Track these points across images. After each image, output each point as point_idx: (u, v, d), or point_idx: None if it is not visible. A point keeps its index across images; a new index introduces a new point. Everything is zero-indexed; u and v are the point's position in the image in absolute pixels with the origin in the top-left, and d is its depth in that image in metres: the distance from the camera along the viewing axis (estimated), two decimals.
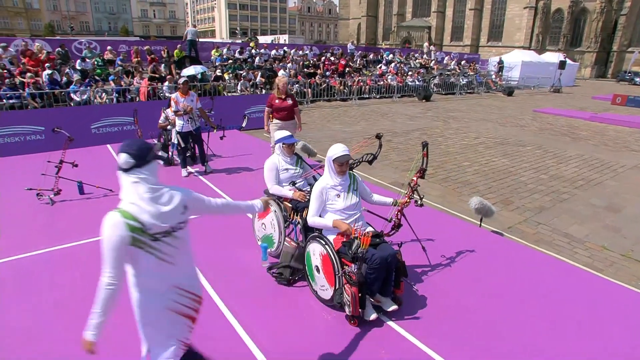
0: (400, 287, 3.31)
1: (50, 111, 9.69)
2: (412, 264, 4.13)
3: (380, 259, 3.06)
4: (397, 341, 3.04)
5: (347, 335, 3.10)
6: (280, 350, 2.95)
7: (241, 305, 3.45)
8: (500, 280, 3.95)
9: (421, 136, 11.50)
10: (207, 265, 4.09)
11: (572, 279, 4.09)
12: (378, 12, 66.15)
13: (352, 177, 3.48)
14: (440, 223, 5.41)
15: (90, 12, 57.56)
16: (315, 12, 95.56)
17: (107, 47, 16.21)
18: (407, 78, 20.50)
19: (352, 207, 3.33)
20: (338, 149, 3.26)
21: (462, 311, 3.41)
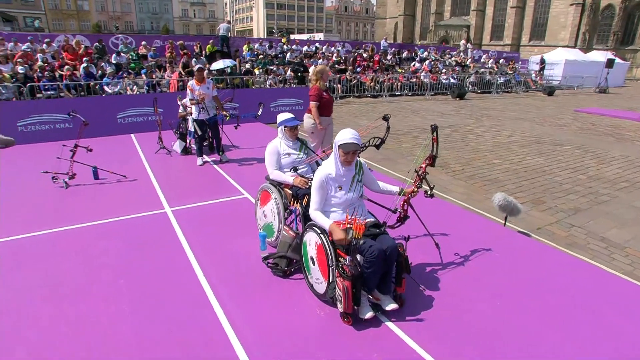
0: (401, 285, 2.96)
1: (78, 100, 9.90)
2: (421, 262, 3.77)
3: (378, 251, 2.73)
4: (393, 344, 2.70)
5: (338, 335, 2.79)
6: (263, 346, 2.69)
7: (230, 296, 3.22)
8: (522, 284, 3.49)
9: (451, 133, 10.95)
10: (204, 252, 3.92)
11: (608, 287, 3.58)
12: (415, 11, 64.72)
13: (358, 166, 3.16)
14: (460, 220, 4.98)
15: (134, 13, 59.72)
16: (352, 11, 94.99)
17: (142, 42, 16.56)
18: (441, 76, 19.77)
19: (356, 199, 3.04)
20: (346, 135, 2.94)
21: (473, 317, 3.01)
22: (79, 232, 4.39)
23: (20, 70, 11.87)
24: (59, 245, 4.08)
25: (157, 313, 3.01)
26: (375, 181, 3.29)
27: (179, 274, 3.54)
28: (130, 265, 3.69)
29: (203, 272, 3.56)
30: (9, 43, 14.35)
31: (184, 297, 3.21)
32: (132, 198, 5.36)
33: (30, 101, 9.79)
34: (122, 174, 6.11)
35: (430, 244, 4.04)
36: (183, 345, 2.67)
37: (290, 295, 3.24)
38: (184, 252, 3.92)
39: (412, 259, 3.77)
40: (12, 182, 6.02)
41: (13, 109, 8.67)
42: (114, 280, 3.44)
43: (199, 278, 3.46)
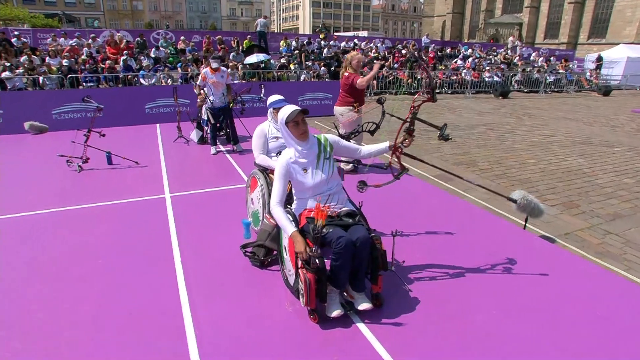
0: (377, 283, 2.65)
1: (110, 91, 10.23)
2: (416, 261, 3.41)
3: (346, 242, 2.44)
4: (359, 348, 2.41)
5: (300, 332, 2.54)
6: (216, 338, 2.49)
7: (200, 284, 3.06)
8: (530, 293, 3.03)
9: (486, 131, 10.29)
10: (189, 239, 3.80)
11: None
12: (465, 9, 62.36)
13: (320, 142, 2.84)
14: (474, 220, 4.54)
15: (185, 12, 61.95)
16: (399, 9, 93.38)
17: (181, 37, 16.99)
18: (484, 73, 18.79)
19: (324, 182, 2.74)
20: (286, 109, 2.69)
21: (460, 327, 2.61)
22: (76, 212, 4.42)
23: (65, 63, 12.49)
24: (52, 224, 4.12)
25: (122, 295, 2.92)
26: (356, 149, 2.97)
27: (156, 257, 3.44)
28: (113, 246, 3.64)
29: (181, 258, 3.43)
30: (60, 39, 15.19)
31: (153, 281, 3.09)
32: (137, 183, 5.37)
33: (65, 90, 10.24)
34: (134, 160, 6.16)
35: (431, 242, 3.68)
36: (135, 329, 2.54)
37: (262, 286, 3.02)
38: (169, 237, 3.82)
39: (406, 257, 3.44)
40: (33, 164, 6.27)
41: (50, 98, 9.08)
42: (93, 260, 3.38)
43: (175, 264, 3.33)
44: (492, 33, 55.09)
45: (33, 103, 8.85)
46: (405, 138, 2.81)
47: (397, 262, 3.35)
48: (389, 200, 5.07)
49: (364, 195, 2.99)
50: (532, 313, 2.78)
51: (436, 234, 4.00)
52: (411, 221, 4.28)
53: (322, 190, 2.73)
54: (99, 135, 5.86)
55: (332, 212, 2.66)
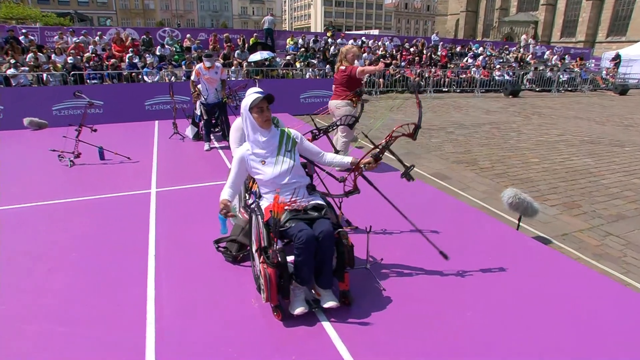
0: (344, 280, 2.57)
1: (111, 87, 10.31)
2: (395, 261, 3.31)
3: (307, 236, 2.35)
4: (320, 348, 2.32)
5: (262, 329, 2.47)
6: (175, 333, 2.43)
7: (169, 278, 3.01)
8: (511, 295, 2.88)
9: (491, 130, 10.10)
10: (166, 234, 3.76)
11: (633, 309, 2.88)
12: (479, 7, 61.63)
13: (283, 134, 2.78)
14: (465, 219, 4.38)
15: (196, 11, 62.51)
16: (412, 8, 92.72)
17: (187, 35, 17.07)
18: (494, 72, 18.50)
19: (284, 173, 2.65)
20: (252, 95, 2.63)
21: (432, 330, 2.48)
22: (59, 206, 4.43)
23: (69, 60, 12.65)
24: (33, 217, 4.12)
25: (88, 287, 2.89)
26: (319, 153, 2.88)
27: (130, 251, 3.41)
28: (89, 239, 3.63)
29: (155, 252, 3.38)
30: (68, 37, 15.39)
31: (123, 274, 3.06)
32: (125, 178, 5.37)
33: (65, 87, 10.35)
34: (126, 155, 6.16)
35: (415, 240, 3.56)
36: (93, 322, 2.50)
37: (232, 281, 2.95)
38: (147, 231, 3.79)
39: (386, 255, 3.34)
40: (26, 159, 6.33)
41: (50, 94, 9.19)
42: (67, 253, 3.37)
43: (148, 258, 3.29)
44: (506, 32, 54.32)
45: (34, 99, 8.95)
46: (370, 163, 2.71)
47: (374, 260, 3.25)
48: (377, 197, 4.97)
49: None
50: (510, 315, 2.66)
51: (414, 231, 3.88)
52: (397, 219, 4.17)
53: (283, 183, 2.65)
54: (90, 130, 5.87)
55: (298, 206, 2.58)
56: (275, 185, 2.64)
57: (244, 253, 3.17)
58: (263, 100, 2.61)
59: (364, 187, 3.23)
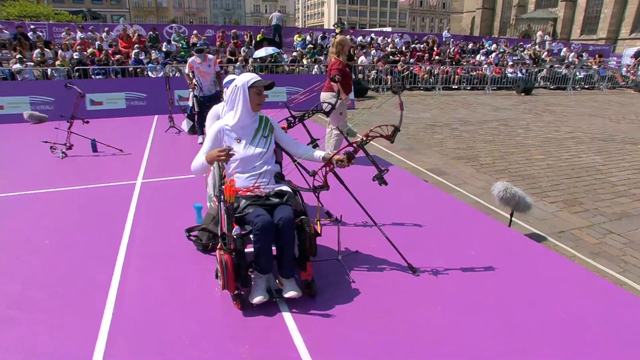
0: (306, 269, 2.49)
1: (112, 81, 10.42)
2: (371, 253, 3.22)
3: (263, 222, 2.29)
4: (276, 339, 2.26)
5: (219, 317, 2.42)
6: (131, 318, 2.40)
7: (138, 267, 2.99)
8: (493, 292, 2.76)
9: (498, 127, 9.89)
10: (143, 223, 3.76)
11: (621, 310, 2.72)
12: (495, 4, 60.71)
13: (262, 120, 2.76)
14: (455, 214, 4.26)
15: (209, 9, 63.03)
16: (427, 6, 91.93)
17: (194, 32, 17.18)
18: (506, 69, 18.16)
19: (256, 157, 2.61)
20: (252, 74, 2.60)
21: (401, 325, 2.39)
22: (43, 195, 4.47)
23: (75, 56, 12.83)
24: (16, 206, 4.15)
25: (57, 273, 2.89)
26: (295, 143, 2.83)
27: (105, 239, 3.41)
28: (66, 227, 3.65)
29: (129, 241, 3.37)
30: (77, 33, 15.62)
31: (93, 260, 3.06)
32: (113, 169, 5.39)
33: (63, 81, 10.48)
34: (119, 147, 6.19)
35: (398, 233, 3.48)
36: (53, 307, 2.50)
37: (199, 270, 2.91)
38: (124, 220, 3.78)
39: (362, 247, 3.26)
40: (19, 151, 6.42)
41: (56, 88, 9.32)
42: (40, 240, 3.37)
43: (120, 245, 3.27)
44: (523, 29, 53.41)
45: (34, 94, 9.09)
46: (343, 160, 2.61)
47: (348, 252, 3.18)
48: (366, 190, 4.88)
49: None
50: (487, 312, 2.55)
51: (404, 225, 3.79)
52: (383, 212, 4.08)
53: (252, 165, 2.60)
54: (82, 122, 5.91)
55: (261, 193, 2.52)
56: (243, 167, 2.60)
57: (215, 242, 3.12)
58: (265, 81, 2.59)
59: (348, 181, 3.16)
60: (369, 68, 16.62)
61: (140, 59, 13.78)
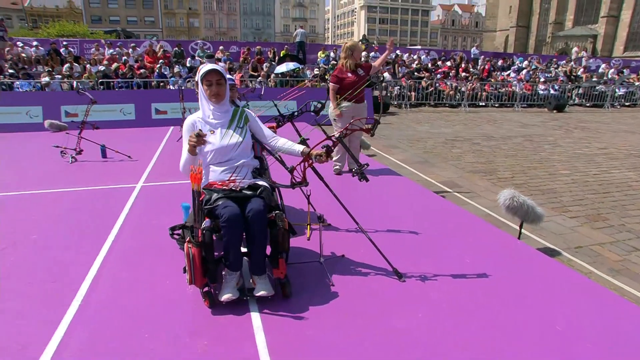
0: (279, 266, 2.42)
1: (132, 92, 10.83)
2: (357, 259, 3.11)
3: (230, 214, 2.25)
4: (237, 338, 2.17)
5: (186, 314, 2.37)
6: (98, 311, 2.38)
7: (116, 263, 3.00)
8: (482, 302, 2.58)
9: (523, 142, 9.59)
10: (133, 222, 3.81)
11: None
12: (530, 22, 59.95)
13: (238, 112, 2.74)
14: (459, 224, 4.07)
15: (239, 28, 65.23)
16: (459, 25, 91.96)
17: (219, 47, 17.75)
18: (537, 85, 17.74)
19: (231, 147, 2.58)
20: (207, 66, 2.59)
21: (375, 332, 2.25)
22: (46, 195, 4.62)
23: (101, 68, 13.47)
24: (18, 203, 4.30)
25: (35, 266, 2.94)
26: (270, 135, 2.78)
27: (91, 235, 3.47)
28: (56, 224, 3.73)
29: (115, 238, 3.41)
30: (105, 49, 16.44)
31: (74, 254, 3.11)
32: (118, 173, 5.52)
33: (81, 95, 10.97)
34: (127, 154, 6.35)
35: (391, 239, 3.36)
36: (29, 295, 2.53)
37: (175, 267, 2.87)
38: (116, 219, 3.84)
39: (348, 251, 3.16)
40: (33, 155, 6.70)
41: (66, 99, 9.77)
42: (28, 234, 3.45)
43: (105, 242, 3.30)
44: (560, 47, 52.32)
45: (53, 103, 9.55)
46: (322, 155, 2.56)
47: (334, 256, 3.09)
48: (368, 197, 4.79)
49: (347, 190, 2.77)
50: (467, 321, 2.38)
51: (400, 232, 3.66)
52: (379, 219, 3.98)
53: (228, 157, 2.58)
54: (92, 127, 6.12)
55: (235, 187, 2.49)
56: (219, 158, 2.58)
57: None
58: (211, 73, 2.58)
59: (348, 185, 3.10)
60: (392, 84, 16.61)
61: (164, 73, 14.30)
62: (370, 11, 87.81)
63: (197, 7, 63.81)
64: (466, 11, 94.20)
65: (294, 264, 2.92)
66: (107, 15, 58.40)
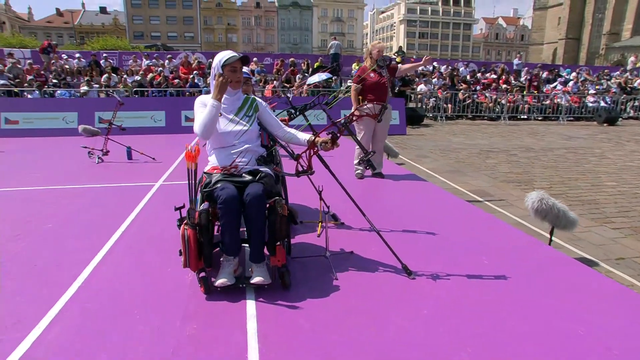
0: (276, 254, 2.38)
1: (162, 100, 11.29)
2: (367, 255, 3.04)
3: (227, 195, 2.25)
4: (228, 323, 2.15)
5: (178, 299, 2.37)
6: (95, 293, 2.43)
7: (122, 250, 3.08)
8: (508, 310, 2.41)
9: (565, 154, 9.17)
10: (144, 217, 3.89)
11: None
12: (582, 33, 58.00)
13: (247, 99, 2.77)
14: (483, 228, 3.90)
15: (277, 43, 66.97)
16: (504, 38, 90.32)
17: (254, 59, 18.23)
18: (586, 98, 17.04)
19: (235, 134, 2.60)
20: (228, 52, 2.63)
21: (369, 332, 2.14)
22: (68, 191, 4.83)
23: (137, 78, 14.14)
24: (39, 197, 4.53)
25: (45, 250, 3.07)
26: (280, 126, 2.79)
27: (104, 226, 3.57)
28: (72, 214, 3.89)
29: (124, 230, 3.50)
30: (142, 60, 17.27)
31: (83, 243, 3.19)
32: (140, 173, 5.70)
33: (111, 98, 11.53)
34: (152, 156, 6.57)
35: (407, 240, 3.27)
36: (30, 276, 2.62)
37: (179, 259, 2.90)
38: (130, 211, 3.96)
39: (358, 248, 3.09)
40: (64, 155, 7.08)
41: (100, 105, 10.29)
42: (42, 225, 3.61)
43: (114, 235, 3.39)
44: (616, 59, 50.14)
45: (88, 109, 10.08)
46: (327, 142, 2.54)
47: (342, 252, 3.03)
48: (387, 199, 4.70)
49: (370, 190, 2.75)
50: (475, 323, 2.25)
51: (416, 232, 3.55)
52: (397, 219, 3.88)
53: (231, 143, 2.60)
54: (119, 128, 6.38)
55: (237, 172, 2.50)
56: (222, 143, 2.61)
57: None
58: (238, 60, 2.63)
59: (368, 188, 3.07)
60: (427, 96, 16.44)
61: (197, 83, 14.82)
62: (410, 25, 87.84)
63: (235, 23, 66.22)
64: (511, 24, 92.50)
65: (299, 258, 2.88)
66: (149, 31, 61.64)
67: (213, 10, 65.46)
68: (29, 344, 1.94)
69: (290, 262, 2.77)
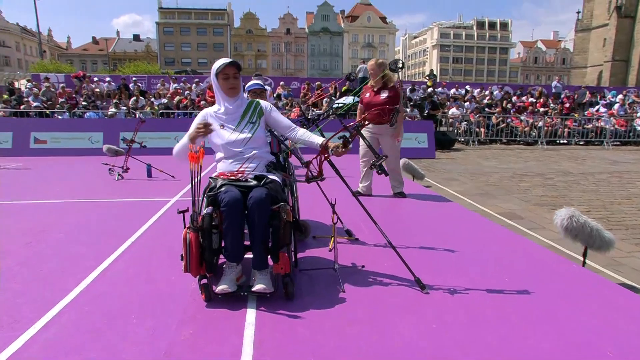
0: (279, 261, 2.37)
1: (180, 120, 11.66)
2: (378, 270, 2.99)
3: (230, 198, 2.28)
4: (225, 330, 2.15)
5: (177, 305, 2.39)
6: (94, 298, 2.48)
7: (130, 258, 3.16)
8: (528, 331, 2.29)
9: (609, 179, 8.84)
10: (153, 231, 3.96)
11: None
12: (631, 54, 56.52)
13: (251, 104, 2.81)
14: (509, 247, 3.78)
15: (306, 69, 68.54)
16: (543, 62, 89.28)
17: (280, 83, 18.71)
18: (634, 121, 16.50)
19: (239, 143, 2.65)
20: (221, 61, 2.71)
21: (370, 346, 2.07)
22: (82, 204, 5.00)
23: (163, 101, 14.74)
24: (58, 209, 4.73)
25: (54, 257, 3.18)
26: (289, 126, 2.80)
27: (114, 236, 3.68)
28: (85, 225, 4.05)
29: (134, 241, 3.59)
30: (170, 84, 18.02)
31: (93, 250, 3.30)
32: (158, 189, 5.87)
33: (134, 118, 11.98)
34: (171, 174, 6.76)
35: (426, 257, 3.20)
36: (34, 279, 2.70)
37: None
38: (143, 223, 4.08)
39: (369, 263, 3.05)
40: (86, 173, 7.37)
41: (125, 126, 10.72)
42: (54, 233, 3.76)
43: (123, 245, 3.48)
44: None
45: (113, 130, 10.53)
46: (339, 147, 2.57)
47: (353, 265, 3.00)
48: (408, 217, 4.64)
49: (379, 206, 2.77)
50: (485, 338, 2.16)
51: (434, 249, 3.48)
52: (416, 236, 3.82)
53: (237, 151, 2.65)
54: (140, 145, 6.62)
55: (243, 178, 2.55)
56: (227, 153, 2.67)
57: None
58: (228, 67, 2.71)
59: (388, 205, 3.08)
60: (459, 119, 16.32)
61: None
62: (443, 50, 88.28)
63: (265, 49, 68.42)
64: (551, 47, 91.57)
65: (307, 270, 2.87)
66: (180, 57, 64.47)
67: (243, 36, 68.01)
68: (22, 342, 2.00)
69: (296, 274, 2.76)
